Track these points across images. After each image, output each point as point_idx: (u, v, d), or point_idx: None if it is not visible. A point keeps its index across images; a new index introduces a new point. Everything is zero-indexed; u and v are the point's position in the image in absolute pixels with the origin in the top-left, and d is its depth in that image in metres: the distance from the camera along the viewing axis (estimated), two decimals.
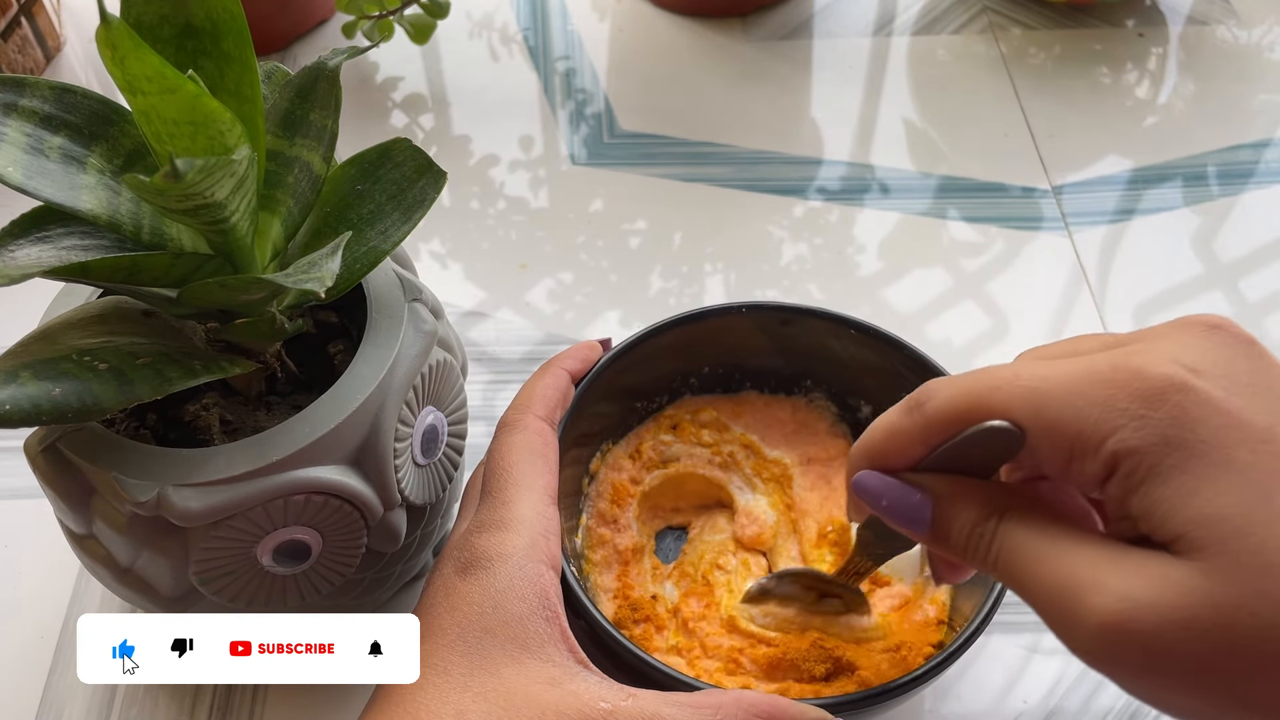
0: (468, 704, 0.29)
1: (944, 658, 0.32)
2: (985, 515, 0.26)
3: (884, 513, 0.28)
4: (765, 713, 0.29)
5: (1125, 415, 0.23)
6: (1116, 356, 0.24)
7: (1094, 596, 0.23)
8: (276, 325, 0.32)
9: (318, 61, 0.32)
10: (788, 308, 0.41)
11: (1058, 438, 0.24)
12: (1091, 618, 0.23)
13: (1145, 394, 0.23)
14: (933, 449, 0.27)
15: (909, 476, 0.28)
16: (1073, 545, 0.24)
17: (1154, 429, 0.23)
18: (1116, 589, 0.23)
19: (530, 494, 0.33)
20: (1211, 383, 0.23)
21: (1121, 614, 0.22)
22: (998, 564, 0.26)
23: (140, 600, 0.33)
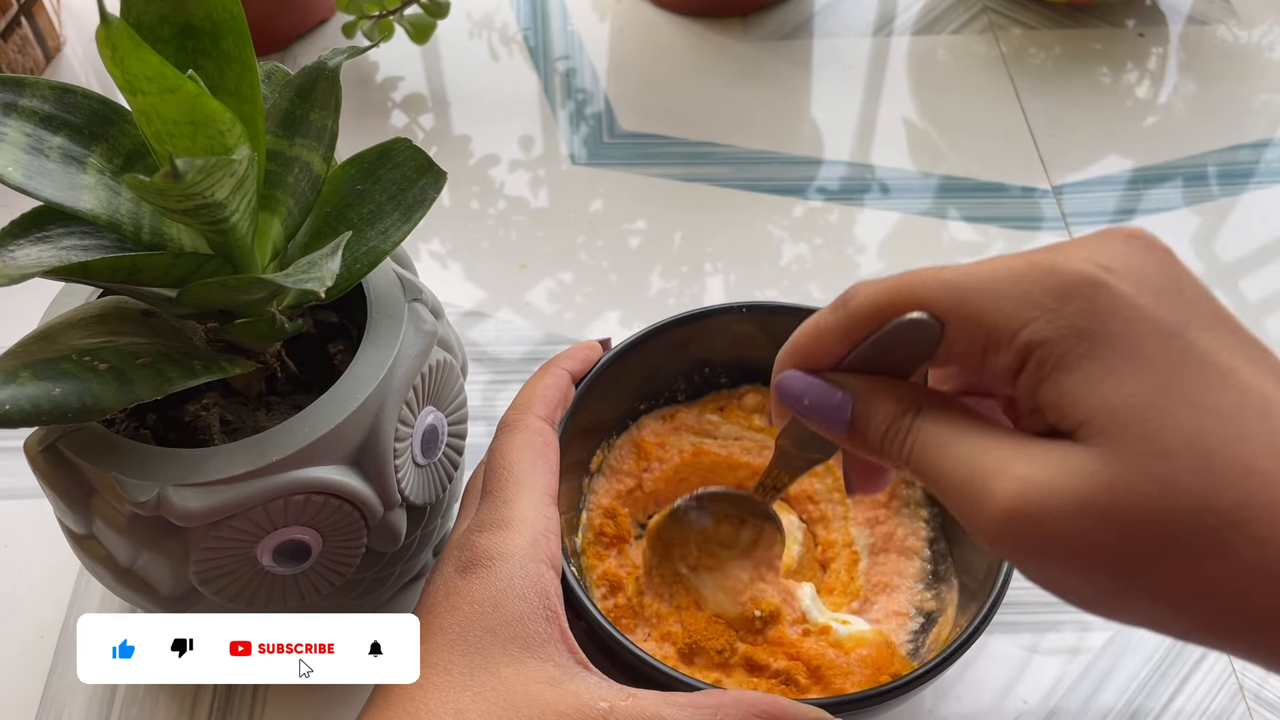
0: (467, 703, 0.29)
1: (944, 657, 0.32)
2: (902, 411, 0.26)
3: (805, 412, 0.28)
4: (765, 712, 0.29)
5: (1039, 308, 0.24)
6: (1035, 255, 0.25)
7: (999, 482, 0.23)
8: (276, 325, 0.32)
9: (318, 61, 0.32)
10: (788, 308, 0.41)
11: (974, 329, 0.25)
12: (995, 503, 0.23)
13: (1059, 288, 0.24)
14: (855, 345, 0.28)
15: (830, 376, 0.28)
16: (983, 437, 0.25)
17: (1065, 321, 0.23)
18: (1020, 474, 0.23)
19: (531, 493, 0.33)
20: (1123, 280, 0.24)
21: (1023, 498, 0.23)
22: (911, 458, 0.26)
23: (140, 600, 0.33)
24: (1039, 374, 0.24)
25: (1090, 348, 0.23)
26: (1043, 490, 0.23)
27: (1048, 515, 0.23)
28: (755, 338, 0.41)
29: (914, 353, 0.27)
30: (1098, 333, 0.23)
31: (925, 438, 0.26)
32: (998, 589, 0.34)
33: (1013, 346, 0.24)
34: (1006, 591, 0.34)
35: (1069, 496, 0.22)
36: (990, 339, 0.25)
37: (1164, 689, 0.40)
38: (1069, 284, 0.24)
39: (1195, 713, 0.39)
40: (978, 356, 0.25)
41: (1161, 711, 0.40)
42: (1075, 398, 0.23)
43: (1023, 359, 0.24)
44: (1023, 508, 0.23)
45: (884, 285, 0.27)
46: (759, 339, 0.41)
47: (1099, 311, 0.23)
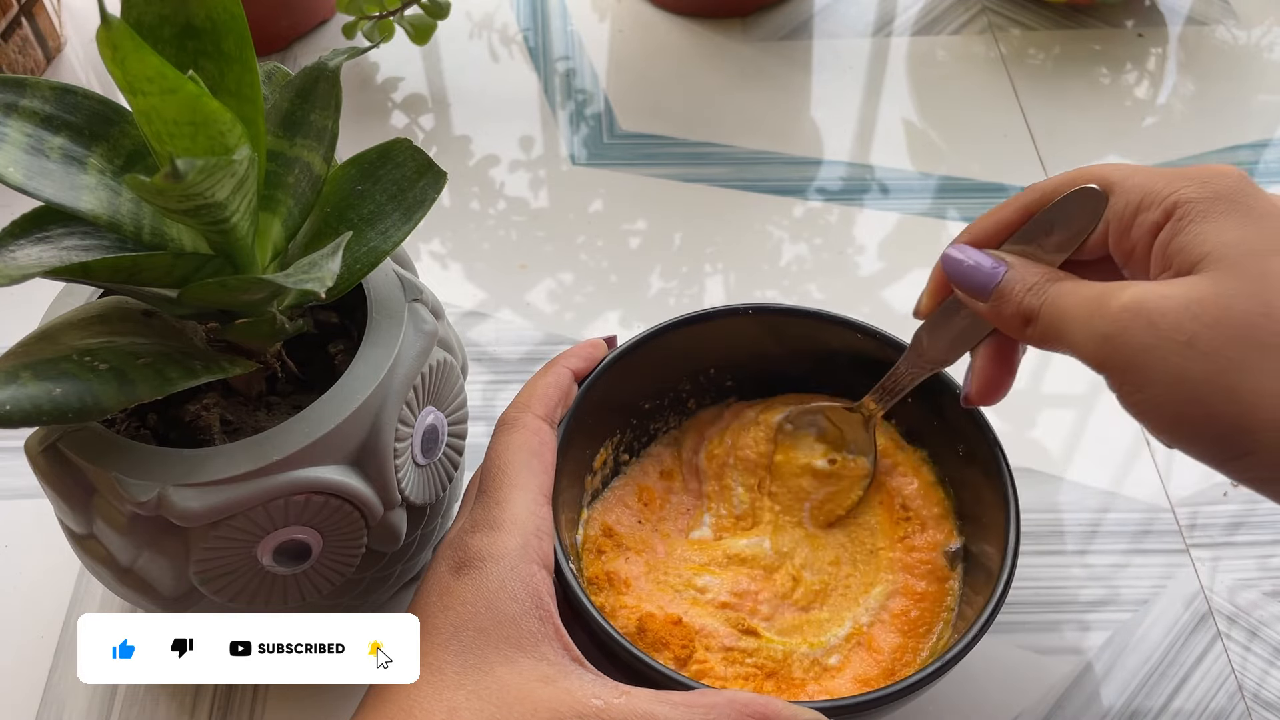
0: (461, 702, 0.29)
1: (943, 664, 0.32)
2: (1045, 278, 0.31)
3: (961, 275, 0.33)
4: (758, 713, 0.29)
5: (1190, 180, 0.29)
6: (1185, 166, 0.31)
7: (1117, 295, 0.28)
8: (277, 325, 0.32)
9: (318, 62, 0.32)
10: (793, 310, 0.41)
11: (1134, 194, 0.30)
12: (1114, 304, 0.28)
13: (1209, 170, 0.29)
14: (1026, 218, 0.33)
15: (991, 251, 0.33)
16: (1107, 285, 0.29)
17: (1209, 189, 0.29)
18: (1137, 289, 0.28)
19: (524, 494, 0.33)
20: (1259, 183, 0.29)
21: (1139, 299, 0.28)
22: (1042, 311, 0.31)
23: (140, 600, 0.33)
24: (1178, 226, 0.29)
25: (1225, 208, 0.28)
26: (1156, 295, 0.28)
27: (1157, 311, 0.27)
28: (760, 339, 0.41)
29: (1081, 218, 0.31)
30: (1235, 200, 0.28)
31: (1058, 291, 0.30)
32: (1000, 591, 0.34)
33: (1162, 205, 0.29)
34: (1008, 595, 0.34)
35: (1177, 298, 0.27)
36: (1145, 200, 0.30)
37: (1163, 689, 0.40)
38: (1219, 169, 0.29)
39: (1194, 712, 0.40)
40: (1130, 218, 0.30)
41: (1161, 711, 0.40)
42: (1203, 240, 0.28)
43: (1168, 214, 0.29)
44: (1138, 304, 0.28)
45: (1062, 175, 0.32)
46: (764, 340, 0.41)
47: (1240, 190, 0.29)
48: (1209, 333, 0.27)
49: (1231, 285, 0.27)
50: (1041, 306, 0.31)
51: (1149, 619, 0.42)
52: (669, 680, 0.31)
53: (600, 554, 0.40)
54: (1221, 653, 0.41)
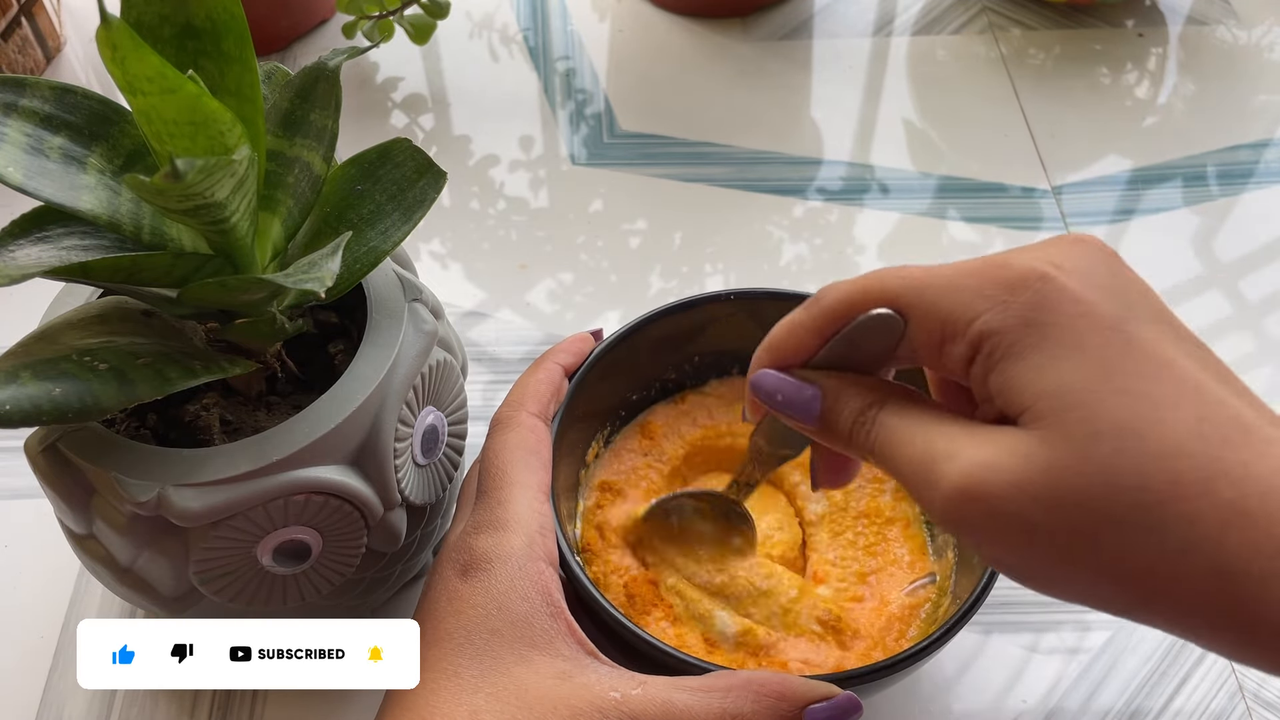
0: (480, 704, 0.29)
1: (948, 627, 0.33)
2: (867, 404, 0.28)
3: (778, 407, 0.30)
4: (775, 691, 0.30)
5: (990, 300, 0.25)
6: (992, 255, 0.26)
7: (947, 465, 0.25)
8: (277, 325, 0.32)
9: (318, 62, 0.32)
10: (775, 294, 0.41)
11: (932, 322, 0.26)
12: (944, 483, 0.25)
13: (1009, 282, 0.25)
14: (825, 340, 0.29)
15: (801, 373, 0.29)
16: (937, 425, 0.26)
17: (1014, 312, 0.25)
18: (967, 457, 0.24)
19: (525, 492, 0.33)
20: (1070, 276, 0.25)
21: (968, 478, 0.24)
22: (874, 448, 0.27)
23: (140, 600, 0.33)
24: (989, 363, 0.25)
25: (1036, 338, 0.24)
26: (986, 471, 0.24)
27: (991, 495, 0.24)
28: (744, 325, 0.42)
29: (880, 347, 0.28)
30: (1043, 323, 0.24)
31: (887, 428, 0.27)
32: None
33: (966, 337, 0.25)
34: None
35: (1010, 477, 0.24)
36: (946, 330, 0.26)
37: (1163, 689, 0.40)
38: (1019, 277, 0.25)
39: (1194, 712, 0.40)
40: (936, 349, 0.27)
41: (1161, 711, 0.40)
42: (1020, 384, 0.24)
43: (975, 348, 0.25)
44: (968, 488, 0.24)
45: (852, 283, 0.28)
46: (748, 326, 0.42)
47: (1045, 303, 0.24)
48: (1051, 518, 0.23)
49: (1061, 454, 0.23)
50: (873, 448, 0.27)
51: None
52: (684, 664, 0.32)
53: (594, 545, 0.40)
54: None
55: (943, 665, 0.41)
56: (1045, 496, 0.23)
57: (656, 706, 0.29)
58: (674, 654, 0.32)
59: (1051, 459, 0.23)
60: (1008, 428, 0.25)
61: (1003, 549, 0.24)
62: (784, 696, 0.30)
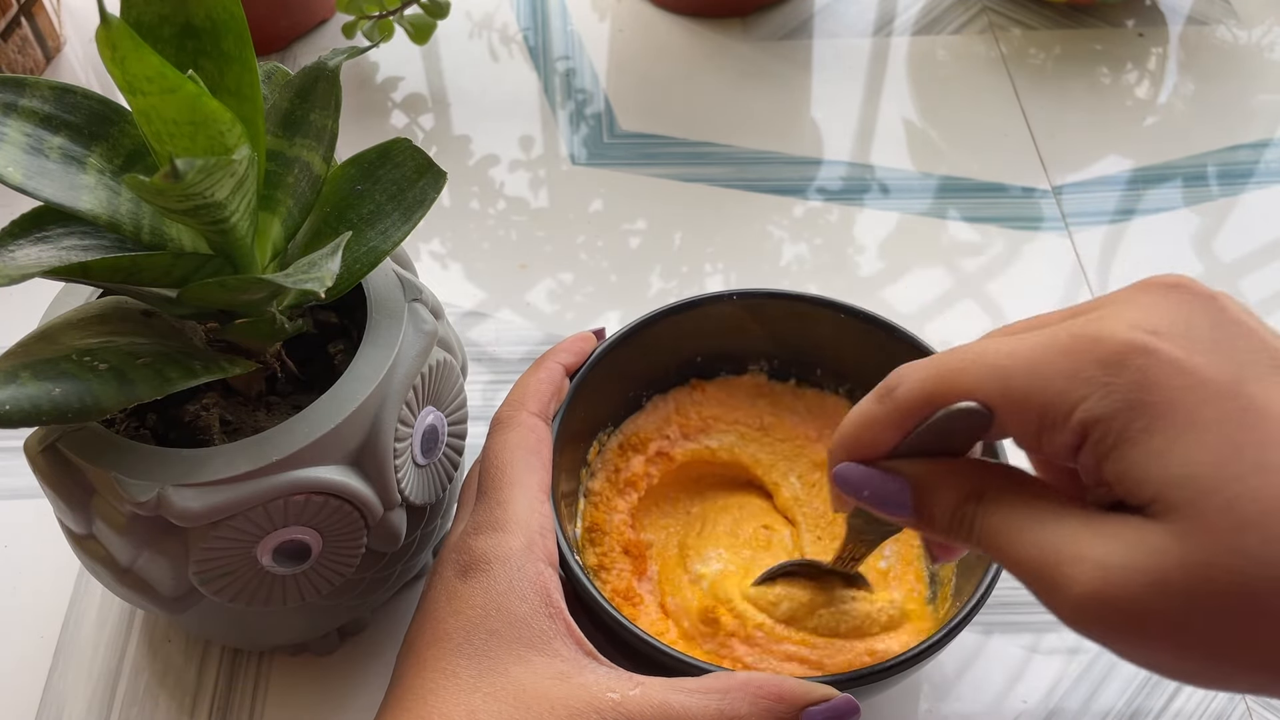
0: (478, 704, 0.29)
1: (948, 629, 0.33)
2: (964, 498, 0.26)
3: (866, 502, 0.28)
4: (772, 693, 0.30)
5: (1089, 384, 0.23)
6: (1076, 325, 0.24)
7: (1073, 568, 0.23)
8: (276, 325, 0.32)
9: (318, 61, 0.32)
10: (778, 294, 0.41)
11: (1025, 413, 0.25)
12: (1073, 589, 0.23)
13: (1107, 360, 0.23)
14: (907, 434, 0.27)
15: (886, 464, 0.28)
16: (1051, 518, 0.24)
17: (1118, 395, 0.23)
18: (1094, 558, 0.23)
19: (525, 492, 0.33)
20: (1172, 343, 0.23)
21: (1100, 582, 0.22)
22: (981, 543, 0.26)
23: (140, 600, 0.33)
24: (1099, 451, 0.23)
25: (1148, 421, 0.23)
26: (1119, 572, 0.22)
27: (1126, 598, 0.22)
28: (747, 325, 0.42)
29: (967, 436, 0.26)
30: (1153, 404, 0.23)
31: (991, 524, 0.25)
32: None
33: (1068, 426, 0.24)
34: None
35: (1145, 577, 0.22)
36: (1044, 420, 0.24)
37: (1164, 689, 0.40)
38: (1116, 354, 0.23)
39: (1195, 713, 0.39)
40: (1034, 438, 0.25)
41: (1161, 711, 0.40)
42: (1141, 473, 0.23)
43: (1080, 437, 0.24)
44: (1101, 592, 0.22)
45: (927, 373, 0.26)
46: (750, 326, 0.42)
47: (1151, 382, 0.23)
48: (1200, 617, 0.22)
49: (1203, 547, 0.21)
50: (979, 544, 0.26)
51: None
52: (682, 665, 0.32)
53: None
54: None
55: (943, 665, 0.41)
56: (1190, 596, 0.22)
57: (654, 707, 0.29)
58: (673, 654, 0.32)
59: (1192, 554, 0.22)
60: (1134, 519, 0.23)
61: (1148, 651, 0.23)
62: (781, 698, 0.30)
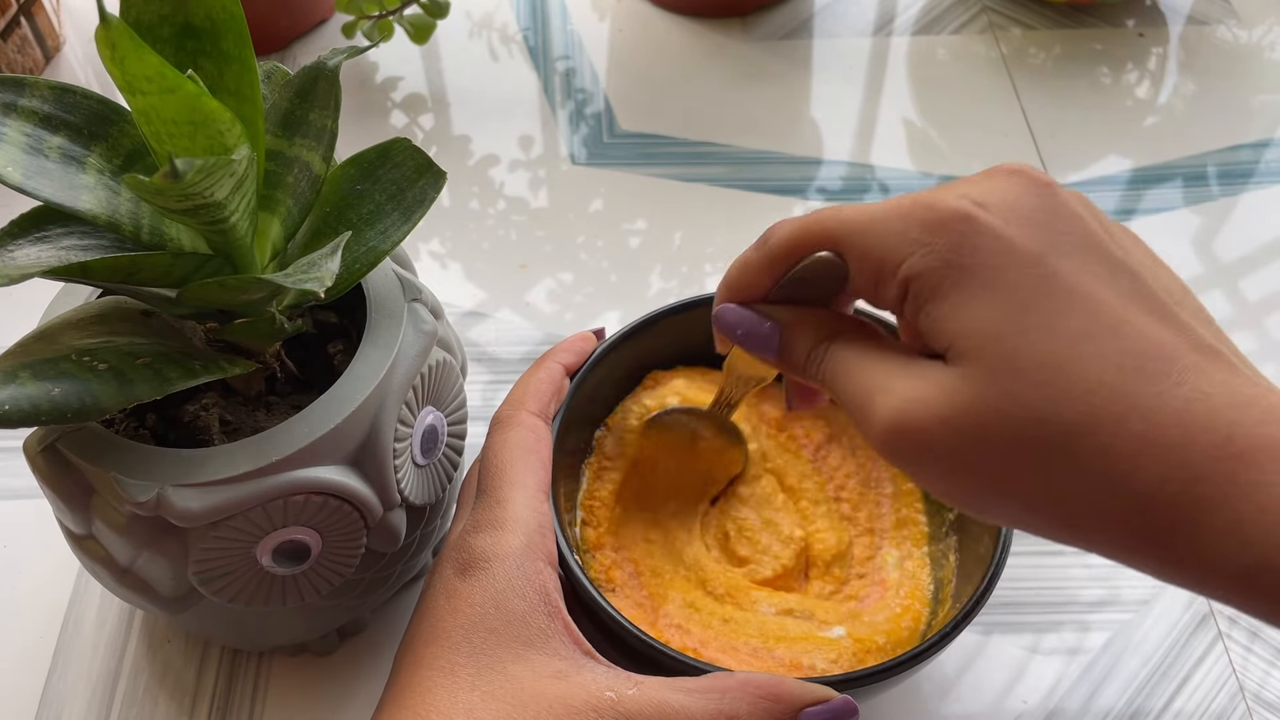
0: (476, 702, 0.29)
1: (948, 631, 0.33)
2: (819, 339, 0.29)
3: (740, 341, 0.31)
4: (771, 693, 0.30)
5: (915, 244, 0.26)
6: (921, 194, 0.27)
7: (882, 398, 0.26)
8: (276, 325, 0.32)
9: (317, 61, 0.32)
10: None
11: (866, 264, 0.27)
12: (877, 417, 0.26)
13: (932, 223, 0.26)
14: (777, 278, 0.30)
15: (760, 308, 0.31)
16: (878, 359, 0.27)
17: (936, 254, 0.26)
18: (898, 392, 0.26)
19: (524, 491, 0.33)
20: (993, 214, 0.25)
21: (899, 412, 0.25)
22: (825, 379, 0.29)
23: (140, 601, 0.33)
24: (916, 304, 0.26)
25: (958, 279, 0.25)
26: (914, 405, 0.25)
27: (918, 429, 0.25)
28: None
29: (829, 286, 0.29)
30: (965, 264, 0.25)
31: (835, 361, 0.28)
32: (996, 562, 0.34)
33: (895, 279, 0.26)
34: (1003, 570, 0.34)
35: (935, 411, 0.25)
36: (878, 273, 0.27)
37: (1164, 689, 0.40)
38: (942, 219, 0.26)
39: (1195, 713, 0.39)
40: (871, 288, 0.28)
41: (1161, 711, 0.40)
42: (943, 324, 0.25)
43: (904, 291, 0.26)
44: (898, 422, 0.25)
45: (796, 224, 0.29)
46: None
47: (966, 244, 0.25)
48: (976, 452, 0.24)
49: (982, 390, 0.24)
50: (824, 380, 0.29)
51: (1150, 619, 0.42)
52: (681, 664, 0.32)
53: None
54: (1223, 653, 0.41)
55: (943, 666, 0.41)
56: (969, 431, 0.24)
57: (652, 707, 0.29)
58: (671, 654, 0.32)
59: (973, 395, 0.24)
60: (936, 363, 0.26)
61: (934, 479, 0.26)
62: (780, 699, 0.30)
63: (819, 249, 0.29)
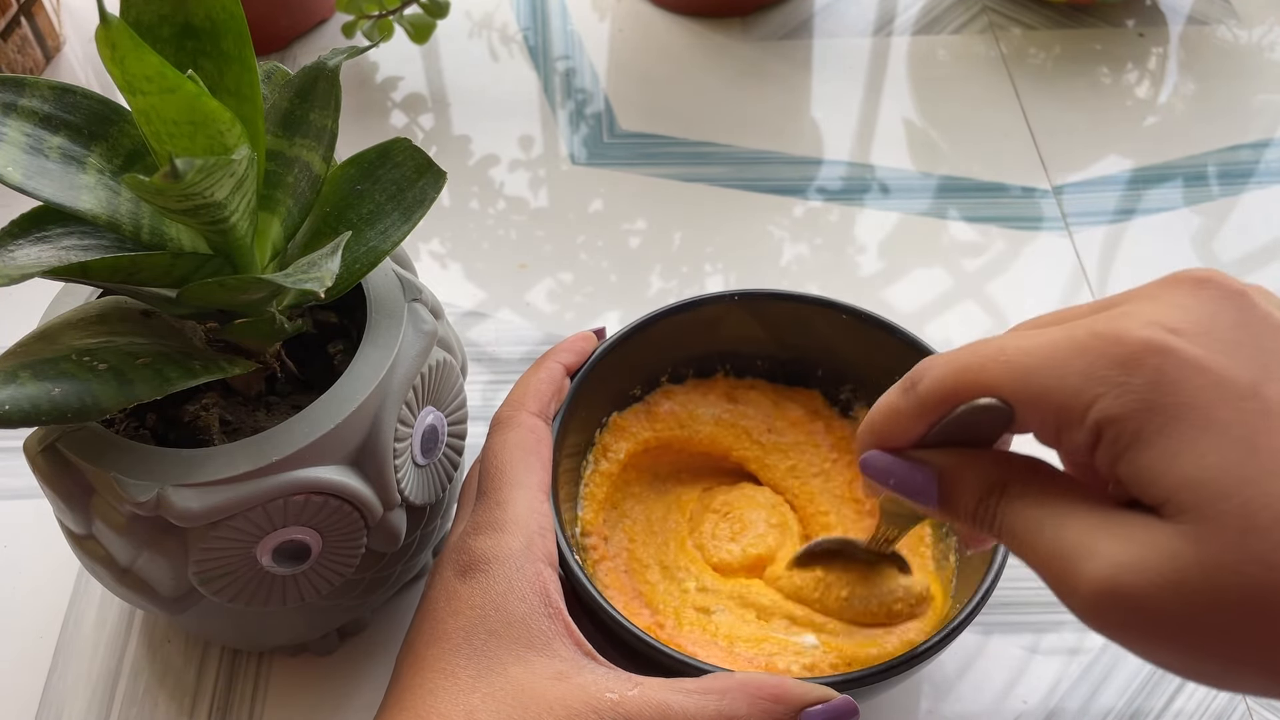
0: (476, 704, 0.29)
1: (948, 632, 0.33)
2: (988, 490, 0.26)
3: (893, 489, 0.29)
4: (771, 694, 0.30)
5: (1105, 383, 0.23)
6: (1097, 322, 0.24)
7: (1087, 563, 0.23)
8: (276, 325, 0.32)
9: (317, 61, 0.32)
10: (779, 294, 0.41)
11: (1044, 410, 0.25)
12: (1085, 584, 0.23)
13: (1124, 360, 0.23)
14: (930, 426, 0.28)
15: (912, 454, 0.28)
16: (1069, 513, 0.24)
17: (1134, 395, 0.23)
18: (1108, 555, 0.23)
19: (524, 492, 0.33)
20: (1191, 341, 0.23)
21: (1113, 579, 0.23)
22: (1003, 534, 0.26)
23: (140, 601, 0.33)
24: (1114, 450, 0.23)
25: (1163, 421, 0.22)
26: (1132, 571, 0.22)
27: (1138, 596, 0.22)
28: (748, 326, 0.42)
29: (991, 430, 0.27)
30: (1169, 405, 0.22)
31: (1012, 516, 0.26)
32: (997, 566, 0.34)
33: (1084, 425, 0.24)
34: (1005, 570, 0.34)
35: (1158, 577, 0.22)
36: (1061, 418, 0.24)
37: (1164, 689, 0.40)
38: (1133, 354, 0.23)
39: (1195, 713, 0.39)
40: (1053, 435, 0.25)
41: (1162, 712, 0.40)
42: (1155, 474, 0.23)
43: (1096, 436, 0.24)
44: (1113, 590, 0.22)
45: (950, 368, 0.27)
46: (751, 326, 0.42)
47: (1167, 382, 0.22)
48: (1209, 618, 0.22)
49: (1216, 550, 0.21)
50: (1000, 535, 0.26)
51: None
52: (681, 665, 0.32)
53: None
54: None
55: (943, 666, 0.41)
56: (1201, 597, 0.22)
57: (652, 708, 0.29)
58: (672, 655, 0.32)
59: (1206, 556, 0.22)
60: (1148, 518, 0.23)
61: (1155, 649, 0.23)
62: (780, 699, 0.30)
63: (979, 396, 0.26)
